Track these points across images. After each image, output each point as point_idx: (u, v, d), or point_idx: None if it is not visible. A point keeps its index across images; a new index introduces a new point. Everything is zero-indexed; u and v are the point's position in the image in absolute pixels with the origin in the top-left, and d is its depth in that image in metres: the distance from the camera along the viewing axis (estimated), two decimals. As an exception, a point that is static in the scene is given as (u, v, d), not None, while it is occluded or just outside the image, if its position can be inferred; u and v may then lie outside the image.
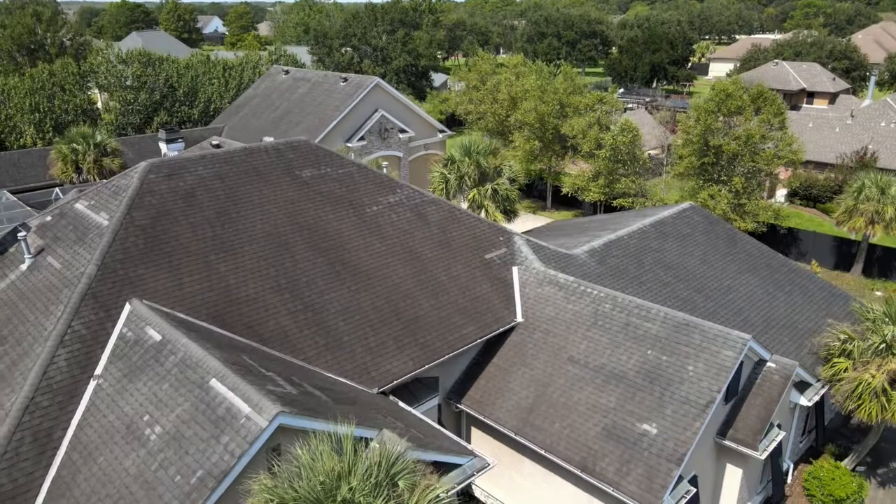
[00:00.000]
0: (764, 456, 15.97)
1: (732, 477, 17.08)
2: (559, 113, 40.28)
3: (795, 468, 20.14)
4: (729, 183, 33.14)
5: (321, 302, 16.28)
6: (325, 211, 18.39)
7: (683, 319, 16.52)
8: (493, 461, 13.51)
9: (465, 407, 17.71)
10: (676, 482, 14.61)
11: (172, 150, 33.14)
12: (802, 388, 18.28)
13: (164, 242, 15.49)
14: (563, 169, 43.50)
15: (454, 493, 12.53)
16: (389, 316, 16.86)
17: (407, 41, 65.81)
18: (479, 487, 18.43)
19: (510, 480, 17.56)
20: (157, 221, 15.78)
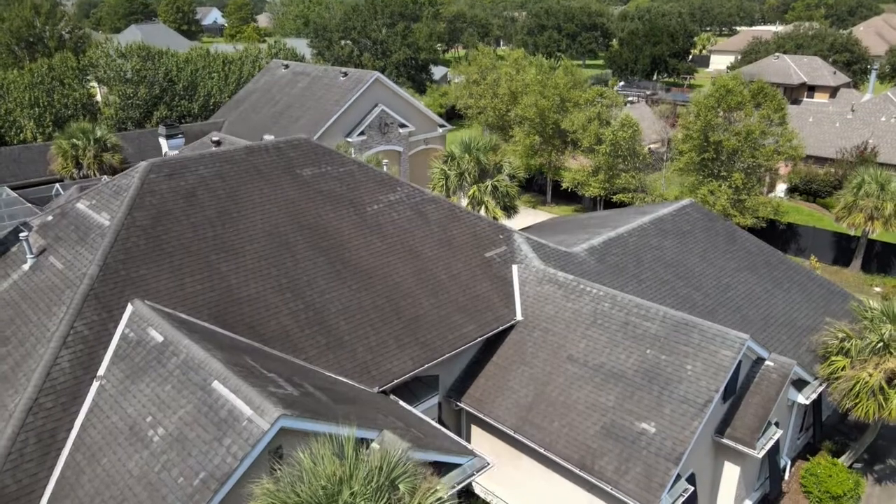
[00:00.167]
0: (761, 454, 16.10)
1: (730, 474, 17.23)
2: (559, 107, 40.24)
3: (793, 465, 20.29)
4: (729, 179, 33.17)
5: (322, 301, 16.37)
6: (325, 210, 18.44)
7: (682, 319, 16.61)
8: (492, 461, 13.64)
9: (464, 405, 17.83)
10: (674, 481, 14.74)
11: (172, 145, 33.07)
12: (800, 385, 18.39)
13: (165, 242, 15.56)
14: (563, 164, 43.51)
15: (454, 493, 12.67)
16: (390, 315, 16.95)
17: (407, 34, 65.62)
18: (478, 484, 18.58)
19: (510, 478, 17.70)
20: (158, 221, 15.84)
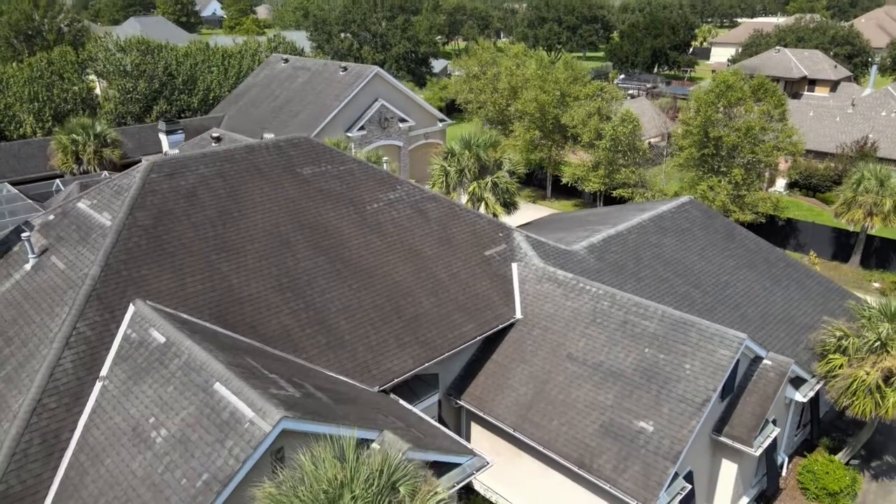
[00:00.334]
0: (759, 453, 16.24)
1: (728, 472, 17.37)
2: (560, 102, 40.21)
3: (790, 461, 20.43)
4: (729, 174, 33.19)
5: (322, 301, 16.45)
6: (325, 209, 18.50)
7: (681, 318, 16.69)
8: (491, 460, 13.76)
9: (464, 403, 17.96)
10: (672, 479, 14.88)
11: (172, 141, 33.12)
12: (798, 383, 18.51)
13: (166, 242, 15.62)
14: (563, 158, 43.51)
15: (453, 492, 12.80)
16: (390, 314, 17.04)
17: (407, 27, 65.44)
18: (478, 482, 18.73)
19: (510, 475, 17.84)
20: (159, 221, 15.90)
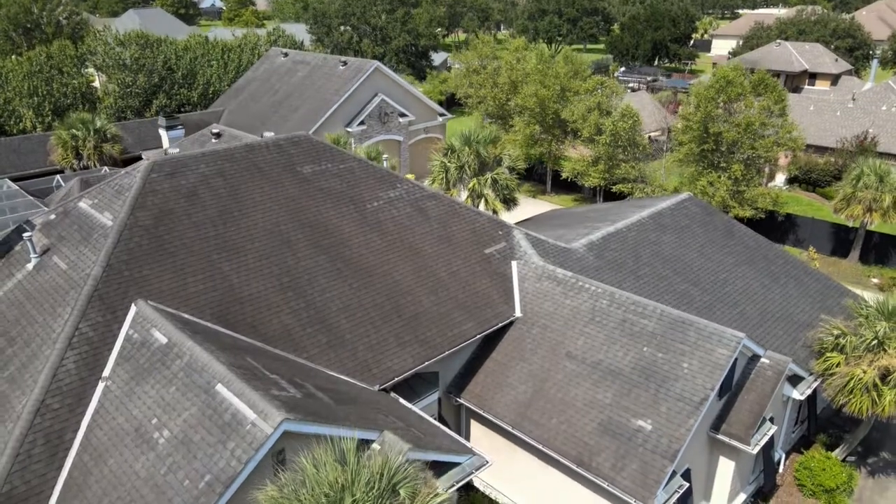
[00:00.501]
0: (756, 450, 16.38)
1: (725, 469, 17.52)
2: (560, 97, 40.18)
3: (787, 458, 20.58)
4: (728, 170, 33.22)
5: (323, 300, 16.55)
6: (326, 207, 18.57)
7: (679, 317, 16.79)
8: (490, 459, 13.89)
9: (464, 401, 18.09)
10: (670, 477, 15.02)
11: (172, 137, 33.17)
12: (795, 381, 18.64)
13: (167, 242, 15.70)
14: (563, 153, 43.52)
15: (453, 491, 12.93)
16: (390, 313, 17.14)
17: (406, 20, 65.25)
18: (478, 478, 18.86)
19: (509, 472, 17.99)
20: (160, 221, 15.97)
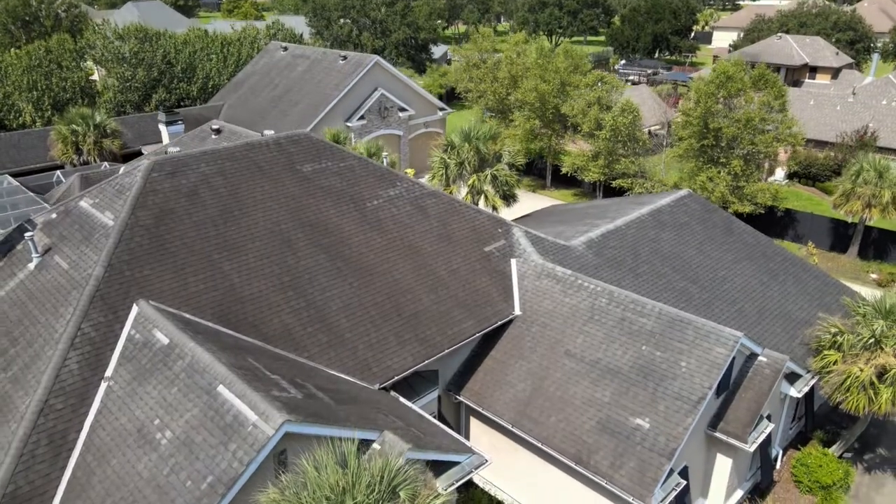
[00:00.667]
0: (753, 448, 16.51)
1: (722, 466, 17.66)
2: (560, 92, 40.13)
3: (784, 454, 20.74)
4: (728, 165, 33.24)
5: (323, 299, 16.63)
6: (326, 206, 18.62)
7: (677, 315, 16.88)
8: (490, 457, 14.02)
9: (464, 399, 18.21)
10: (667, 475, 15.15)
11: (172, 132, 33.16)
12: (793, 379, 18.74)
13: (168, 242, 15.77)
14: (563, 148, 43.51)
15: (452, 489, 13.06)
16: (390, 311, 17.23)
17: (406, 13, 65.05)
18: (478, 475, 19.00)
19: (509, 469, 18.14)
20: (161, 221, 16.03)
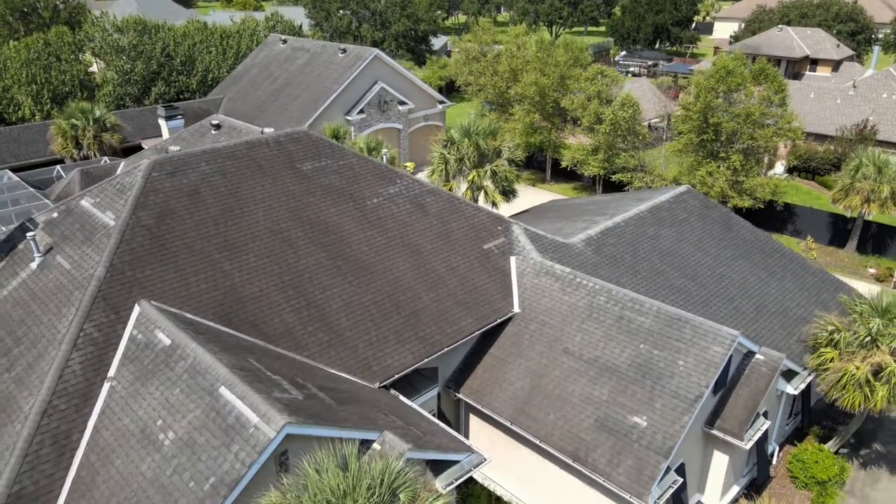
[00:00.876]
0: (749, 446, 16.68)
1: (719, 463, 17.84)
2: (559, 86, 40.08)
3: (781, 449, 20.92)
4: (728, 160, 33.27)
5: (324, 298, 16.75)
6: (326, 205, 18.70)
7: (676, 314, 17.00)
8: (489, 456, 14.20)
9: (463, 396, 18.36)
10: (664, 473, 15.32)
11: (172, 126, 33.18)
12: (790, 376, 18.89)
13: (169, 242, 15.86)
14: (563, 141, 43.50)
15: (452, 489, 13.23)
16: (390, 310, 17.35)
17: (406, 5, 64.80)
18: (478, 471, 19.19)
19: (508, 465, 18.32)
20: (162, 221, 16.12)
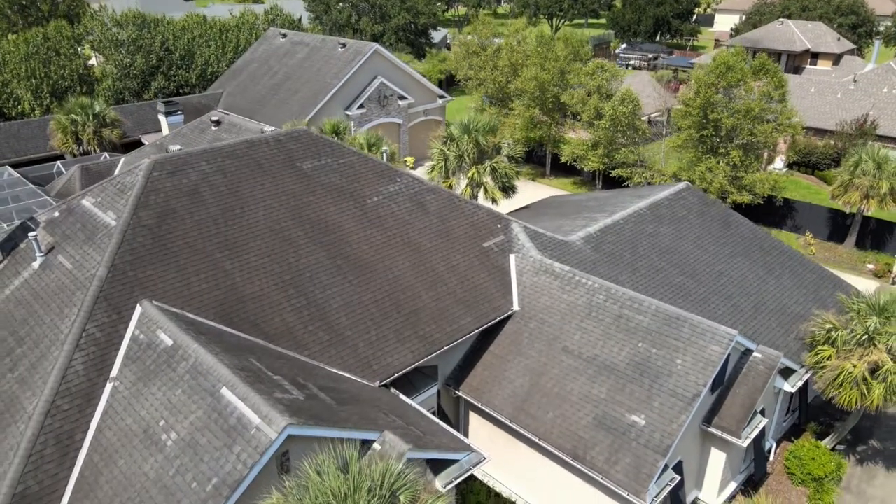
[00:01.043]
0: (746, 443, 16.82)
1: (716, 460, 18.00)
2: (559, 80, 40.04)
3: (778, 446, 21.08)
4: (727, 156, 33.29)
5: (324, 297, 16.84)
6: (326, 203, 18.76)
7: (674, 313, 17.10)
8: (488, 454, 14.33)
9: (463, 394, 18.49)
10: (662, 471, 15.47)
11: (172, 122, 33.18)
12: (787, 374, 19.01)
13: (170, 242, 15.93)
14: (562, 136, 43.50)
15: (451, 487, 13.38)
16: (390, 309, 17.45)
17: (406, -2, 64.67)
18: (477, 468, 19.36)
19: (507, 462, 18.48)
20: (162, 220, 16.19)
